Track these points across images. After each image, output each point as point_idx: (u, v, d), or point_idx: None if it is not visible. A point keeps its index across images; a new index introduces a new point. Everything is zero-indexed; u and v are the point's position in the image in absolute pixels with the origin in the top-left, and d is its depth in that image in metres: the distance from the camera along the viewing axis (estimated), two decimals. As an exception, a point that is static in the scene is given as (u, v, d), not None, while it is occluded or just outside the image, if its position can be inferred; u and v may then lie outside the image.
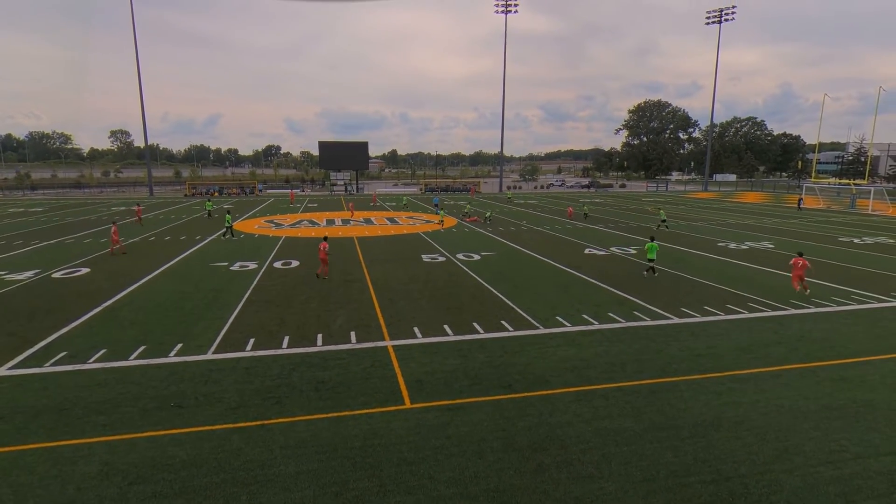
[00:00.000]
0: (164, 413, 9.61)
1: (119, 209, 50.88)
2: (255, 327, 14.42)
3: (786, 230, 35.99)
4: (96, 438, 8.77)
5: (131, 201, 61.53)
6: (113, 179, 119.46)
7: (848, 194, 62.77)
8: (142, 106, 70.36)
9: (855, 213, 48.65)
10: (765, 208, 54.11)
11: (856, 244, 29.72)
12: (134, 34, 66.66)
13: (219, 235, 31.52)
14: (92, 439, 8.74)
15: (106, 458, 8.21)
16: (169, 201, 62.24)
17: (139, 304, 16.81)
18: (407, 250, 26.98)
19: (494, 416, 9.49)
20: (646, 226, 38.00)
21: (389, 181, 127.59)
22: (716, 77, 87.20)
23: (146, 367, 11.66)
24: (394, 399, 10.16)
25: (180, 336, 13.68)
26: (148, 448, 8.49)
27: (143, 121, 71.31)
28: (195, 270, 21.90)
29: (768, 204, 60.26)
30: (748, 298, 17.53)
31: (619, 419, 9.40)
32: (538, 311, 16.02)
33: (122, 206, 55.03)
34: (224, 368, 11.60)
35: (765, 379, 11.14)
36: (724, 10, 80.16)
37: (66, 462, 8.12)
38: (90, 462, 8.12)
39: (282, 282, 19.83)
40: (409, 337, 13.67)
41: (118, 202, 60.36)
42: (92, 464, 8.07)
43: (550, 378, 11.14)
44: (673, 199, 66.96)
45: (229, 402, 10.04)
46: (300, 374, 11.29)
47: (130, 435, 8.87)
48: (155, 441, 8.68)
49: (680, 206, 56.94)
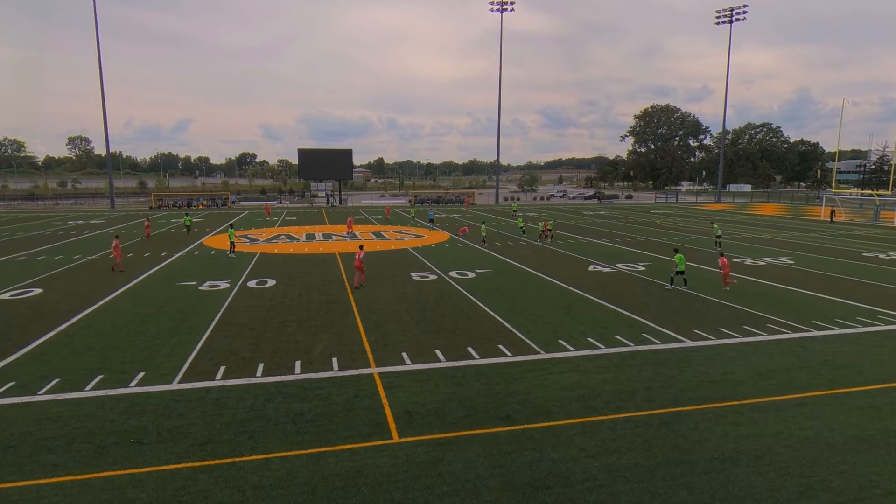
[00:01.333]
0: (122, 450, 9.43)
1: (76, 223, 50.52)
2: (227, 353, 14.27)
3: (806, 244, 36.40)
4: (46, 479, 8.57)
5: (90, 214, 61.17)
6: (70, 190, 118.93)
7: (871, 205, 63.74)
8: (104, 110, 70.34)
9: (879, 226, 49.37)
10: (783, 221, 54.78)
11: (881, 259, 30.10)
12: (96, 32, 67.07)
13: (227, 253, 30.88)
14: (41, 480, 8.55)
15: (56, 502, 8.01)
16: (132, 214, 61.92)
17: (97, 328, 16.61)
18: (395, 267, 26.96)
19: (491, 451, 9.41)
20: (655, 240, 38.31)
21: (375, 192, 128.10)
22: (727, 80, 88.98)
23: (104, 399, 11.48)
24: (380, 433, 10.06)
25: (142, 364, 13.50)
26: (104, 490, 8.30)
27: (105, 126, 71.16)
28: (160, 290, 21.72)
29: (786, 216, 61.02)
30: (767, 319, 17.63)
31: (629, 453, 9.35)
32: (539, 334, 16.00)
33: (80, 219, 54.67)
34: (191, 400, 11.45)
35: (787, 407, 11.15)
36: (735, 10, 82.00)
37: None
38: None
39: (256, 303, 19.70)
40: (397, 363, 13.60)
41: (76, 215, 59.97)
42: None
43: (553, 408, 11.09)
44: (683, 211, 67.65)
45: (196, 437, 9.89)
46: (276, 406, 11.16)
47: (85, 475, 8.68)
48: (112, 482, 8.50)
49: (691, 218, 57.52)
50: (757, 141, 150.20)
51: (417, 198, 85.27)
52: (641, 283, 23.49)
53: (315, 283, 23.05)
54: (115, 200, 77.53)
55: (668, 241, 37.98)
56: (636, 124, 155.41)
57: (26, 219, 55.63)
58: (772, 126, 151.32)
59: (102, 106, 70.15)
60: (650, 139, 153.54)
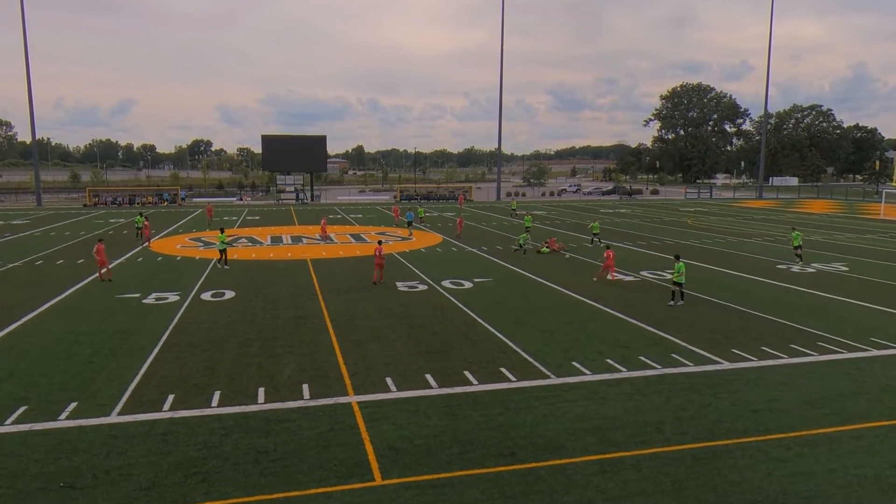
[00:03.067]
0: (51, 496, 9.34)
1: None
2: (176, 380, 14.20)
3: (863, 248, 36.69)
4: (-43, 532, 8.48)
5: (13, 213, 60.81)
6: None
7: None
8: (28, 89, 70.11)
9: (948, 227, 49.82)
10: (835, 220, 55.24)
11: (951, 266, 30.37)
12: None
13: (214, 263, 29.79)
14: (-49, 534, 8.46)
15: (-30, 560, 7.93)
16: (63, 213, 61.62)
17: (20, 349, 16.49)
18: (377, 276, 26.95)
19: (492, 495, 9.39)
20: (685, 243, 38.51)
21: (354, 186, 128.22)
22: (769, 55, 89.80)
23: (27, 435, 11.37)
24: (360, 473, 10.02)
25: (74, 392, 13.41)
26: (28, 545, 8.22)
27: (31, 108, 70.91)
28: (96, 304, 21.62)
29: (840, 214, 61.53)
30: (817, 336, 17.74)
31: (656, 497, 9.35)
32: (549, 354, 16.03)
33: (0, 219, 54.31)
34: (133, 435, 11.37)
35: (842, 441, 11.20)
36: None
37: (-86, 566, 7.83)
38: (-52, 565, 7.84)
39: (211, 319, 19.64)
40: (381, 390, 13.57)
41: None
42: (-50, 567, 7.79)
43: (565, 443, 11.09)
44: (719, 209, 68.12)
45: (140, 480, 9.81)
46: (235, 442, 11.10)
47: (4, 527, 8.60)
48: (37, 535, 8.42)
49: (728, 217, 57.92)
50: (805, 126, 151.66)
51: (404, 193, 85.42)
52: (669, 294, 23.58)
53: (282, 295, 23.00)
54: (42, 197, 77.17)
55: (701, 244, 38.21)
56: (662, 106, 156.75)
57: (-65, 219, 55.22)
58: (822, 109, 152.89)
59: (27, 85, 69.93)
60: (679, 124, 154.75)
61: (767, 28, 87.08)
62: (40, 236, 41.90)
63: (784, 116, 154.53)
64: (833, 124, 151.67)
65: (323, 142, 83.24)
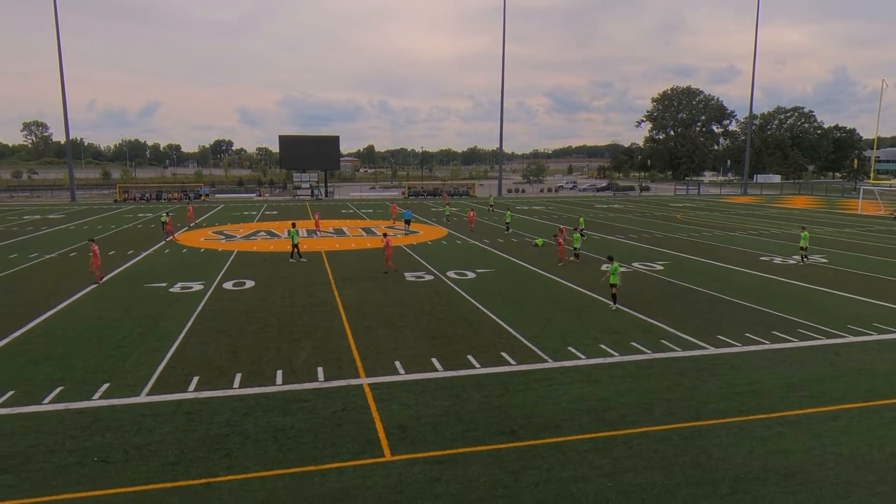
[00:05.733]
0: (85, 470, 9.42)
1: (33, 218, 50.42)
2: (200, 363, 14.27)
3: (841, 241, 36.50)
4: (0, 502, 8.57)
5: (48, 208, 61.05)
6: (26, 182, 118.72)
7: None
8: (62, 92, 70.22)
9: (922, 221, 49.45)
10: (816, 215, 54.93)
11: (924, 258, 30.16)
12: (54, 5, 66.74)
13: (290, 257, 28.92)
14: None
15: (11, 528, 8.02)
16: (95, 208, 61.82)
17: (56, 334, 16.59)
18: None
19: (494, 470, 9.42)
20: (675, 237, 38.38)
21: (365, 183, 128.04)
22: (754, 59, 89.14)
23: (63, 413, 11.47)
24: (371, 450, 10.07)
25: (107, 374, 13.50)
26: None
27: (65, 110, 71.02)
28: (126, 293, 21.70)
29: (820, 210, 61.18)
30: (798, 323, 17.68)
31: (646, 472, 9.37)
32: (546, 340, 16.03)
33: (37, 214, 54.56)
34: (161, 414, 11.44)
35: (820, 421, 11.19)
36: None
37: (-40, 533, 7.92)
38: (-9, 533, 7.93)
39: (233, 306, 19.70)
40: (390, 373, 13.61)
41: (32, 209, 59.84)
42: (-7, 535, 7.88)
43: (562, 422, 11.11)
44: (706, 205, 67.79)
45: (167, 455, 9.89)
46: (255, 421, 11.16)
47: (43, 498, 8.67)
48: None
49: (715, 212, 57.65)
50: (787, 127, 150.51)
51: (411, 189, 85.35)
52: (659, 283, 23.53)
53: (298, 284, 23.05)
54: (75, 193, 77.40)
55: (689, 237, 38.08)
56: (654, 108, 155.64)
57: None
58: (804, 110, 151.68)
59: (62, 88, 70.06)
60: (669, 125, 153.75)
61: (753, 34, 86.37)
62: (74, 230, 42.08)
63: (768, 118, 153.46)
64: (814, 125, 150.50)
65: (336, 141, 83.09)
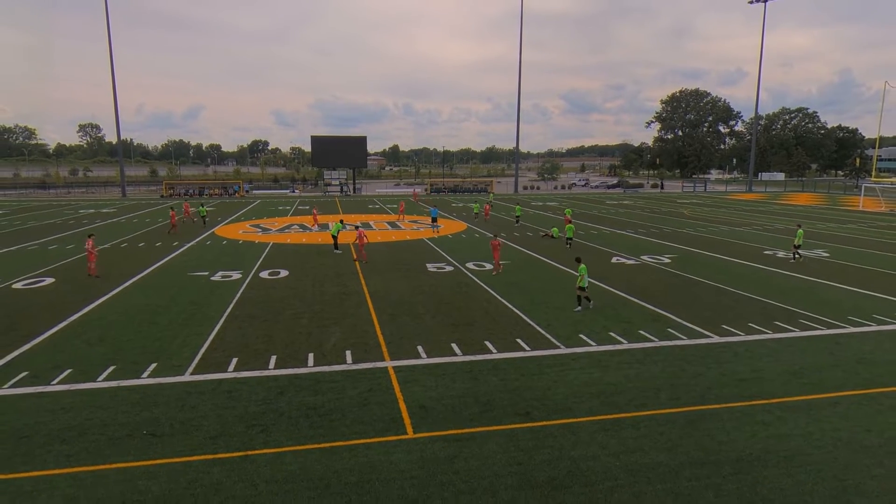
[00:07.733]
0: (135, 442, 9.64)
1: (88, 212, 51.42)
2: (239, 345, 14.47)
3: (842, 237, 35.67)
4: (59, 470, 8.80)
5: (101, 203, 62.21)
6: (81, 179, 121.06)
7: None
8: (114, 97, 71.28)
9: (922, 218, 48.10)
10: (818, 211, 53.72)
11: (924, 253, 29.36)
12: (106, 16, 67.77)
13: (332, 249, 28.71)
14: (54, 471, 8.78)
15: (70, 493, 8.24)
16: (144, 203, 62.84)
17: (109, 318, 16.93)
18: (410, 258, 27.02)
19: (509, 448, 9.44)
20: (682, 231, 37.86)
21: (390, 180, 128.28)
22: (760, 61, 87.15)
23: (116, 390, 11.72)
24: (394, 428, 10.14)
25: (154, 355, 13.75)
26: (117, 481, 8.51)
27: (116, 113, 72.18)
28: (172, 281, 22.05)
29: (822, 206, 59.81)
30: (799, 314, 17.37)
31: (652, 453, 9.31)
32: (559, 328, 15.96)
33: (91, 208, 55.62)
34: (203, 392, 11.64)
35: (819, 407, 11.01)
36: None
37: (25, 497, 8.16)
38: (52, 497, 8.15)
39: (269, 294, 19.91)
40: (412, 357, 13.67)
41: (87, 204, 61.03)
42: (54, 498, 8.10)
43: (573, 405, 11.08)
44: (713, 201, 66.66)
45: (209, 429, 10.06)
46: (288, 399, 11.30)
47: (97, 466, 8.90)
48: (125, 473, 8.70)
49: (721, 208, 56.69)
50: (792, 127, 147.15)
51: (434, 186, 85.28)
52: (667, 275, 23.25)
53: (328, 274, 23.21)
54: (126, 189, 78.75)
55: (696, 232, 37.52)
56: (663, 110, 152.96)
57: (38, 207, 56.75)
58: (808, 111, 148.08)
59: (113, 92, 71.09)
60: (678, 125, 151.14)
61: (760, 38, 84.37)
62: (125, 223, 42.85)
63: (773, 118, 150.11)
64: (818, 125, 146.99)
65: (363, 141, 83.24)
